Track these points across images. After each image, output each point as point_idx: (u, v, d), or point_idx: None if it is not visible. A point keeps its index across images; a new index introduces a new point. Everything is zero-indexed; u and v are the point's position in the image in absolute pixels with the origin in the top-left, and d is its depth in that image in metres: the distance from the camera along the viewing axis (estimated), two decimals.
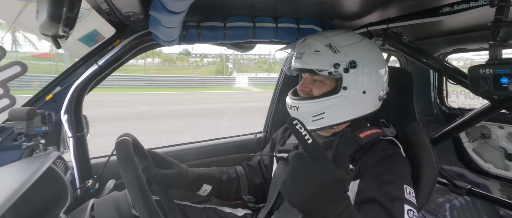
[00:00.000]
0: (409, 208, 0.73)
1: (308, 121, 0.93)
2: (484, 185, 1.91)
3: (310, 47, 0.94)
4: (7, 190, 0.71)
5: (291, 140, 1.12)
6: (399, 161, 0.84)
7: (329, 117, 0.91)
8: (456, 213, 1.95)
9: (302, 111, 0.94)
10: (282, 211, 0.95)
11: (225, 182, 1.12)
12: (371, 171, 0.81)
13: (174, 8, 0.76)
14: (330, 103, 0.90)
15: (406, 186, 0.78)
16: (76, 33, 1.01)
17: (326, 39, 0.93)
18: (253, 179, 1.19)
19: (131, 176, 0.61)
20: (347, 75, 0.88)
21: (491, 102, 1.35)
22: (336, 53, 0.89)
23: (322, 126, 0.93)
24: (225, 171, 1.15)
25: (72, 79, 1.15)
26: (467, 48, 1.80)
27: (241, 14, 1.17)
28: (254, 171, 1.21)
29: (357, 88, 0.89)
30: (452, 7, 0.96)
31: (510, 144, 1.74)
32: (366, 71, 0.90)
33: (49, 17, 0.56)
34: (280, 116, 1.83)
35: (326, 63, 0.89)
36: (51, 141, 1.15)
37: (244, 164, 1.25)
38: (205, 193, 1.06)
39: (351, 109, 0.91)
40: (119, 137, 0.71)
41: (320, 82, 0.94)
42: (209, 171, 1.10)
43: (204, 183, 1.05)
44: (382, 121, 1.04)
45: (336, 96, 0.89)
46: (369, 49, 0.94)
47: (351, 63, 0.88)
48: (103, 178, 1.12)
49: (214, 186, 1.08)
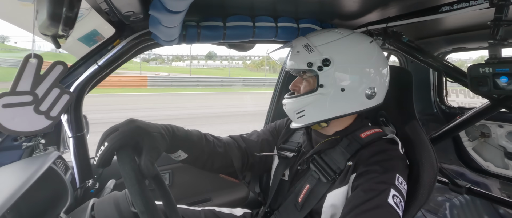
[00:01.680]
0: (395, 193, 0.74)
1: (294, 117, 0.99)
2: (483, 184, 1.92)
3: (294, 48, 0.97)
4: (7, 190, 0.71)
5: (295, 137, 1.12)
6: (395, 154, 0.86)
7: (310, 114, 0.94)
8: (456, 212, 1.95)
9: (288, 108, 0.99)
10: (282, 212, 0.96)
11: (206, 154, 1.00)
12: (365, 162, 0.83)
13: (174, 8, 0.76)
14: (309, 101, 0.93)
15: (399, 175, 0.79)
16: (75, 33, 1.01)
17: (305, 39, 0.96)
18: (249, 157, 1.10)
19: (128, 169, 0.63)
20: (322, 73, 0.90)
21: (491, 101, 1.35)
22: (311, 52, 0.91)
23: (305, 123, 0.96)
24: (211, 141, 1.03)
25: (72, 79, 1.15)
26: (467, 47, 1.80)
27: (240, 14, 1.16)
28: (253, 145, 1.12)
29: (334, 86, 0.90)
30: (452, 6, 0.96)
31: (509, 142, 1.74)
32: (343, 69, 0.90)
33: (49, 17, 0.56)
34: (280, 114, 1.83)
35: (301, 62, 0.92)
36: (51, 141, 1.14)
37: (240, 138, 1.13)
38: (178, 158, 0.96)
39: (331, 106, 0.92)
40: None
41: (306, 81, 0.96)
42: (190, 136, 0.96)
43: (179, 148, 0.93)
44: (381, 120, 1.05)
45: (313, 94, 0.92)
46: (351, 46, 0.92)
47: (324, 61, 0.89)
48: (104, 177, 1.12)
49: (190, 154, 0.96)
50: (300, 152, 1.04)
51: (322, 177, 0.89)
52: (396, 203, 0.73)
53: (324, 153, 0.93)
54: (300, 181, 0.97)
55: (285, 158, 1.06)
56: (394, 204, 0.73)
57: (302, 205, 0.90)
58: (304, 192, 0.90)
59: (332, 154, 0.91)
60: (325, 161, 0.91)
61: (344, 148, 0.90)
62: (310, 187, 0.90)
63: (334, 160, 0.89)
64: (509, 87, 0.91)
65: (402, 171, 0.82)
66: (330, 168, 0.88)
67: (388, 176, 0.78)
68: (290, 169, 1.04)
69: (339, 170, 0.87)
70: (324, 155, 0.93)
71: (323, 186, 0.88)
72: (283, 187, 1.03)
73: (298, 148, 1.05)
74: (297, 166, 1.01)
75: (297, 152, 1.05)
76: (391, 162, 0.82)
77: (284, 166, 1.05)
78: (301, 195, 0.91)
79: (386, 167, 0.80)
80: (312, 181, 0.90)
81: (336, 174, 0.87)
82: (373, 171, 0.79)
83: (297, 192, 0.93)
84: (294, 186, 0.98)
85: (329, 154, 0.92)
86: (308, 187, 0.90)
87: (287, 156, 1.06)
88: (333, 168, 0.88)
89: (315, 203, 0.88)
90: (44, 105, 0.94)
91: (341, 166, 0.87)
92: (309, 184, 0.90)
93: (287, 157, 1.06)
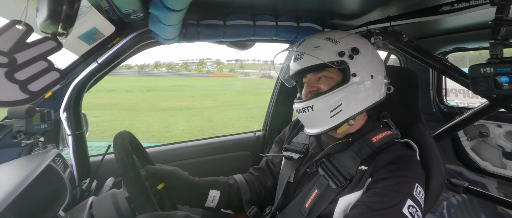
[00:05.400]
0: (411, 203, 0.72)
1: (326, 118, 0.89)
2: (481, 183, 1.93)
3: (309, 45, 0.95)
4: (6, 187, 0.70)
5: (300, 138, 1.09)
6: (414, 161, 0.83)
7: (347, 108, 0.88)
8: (454, 211, 1.96)
9: (318, 108, 0.89)
10: (286, 215, 0.93)
11: (234, 187, 1.02)
12: (384, 169, 0.79)
13: (174, 6, 0.76)
14: (345, 93, 0.88)
15: (418, 184, 0.76)
16: (76, 30, 1.00)
17: (323, 34, 0.96)
18: (265, 182, 1.11)
19: (122, 154, 0.69)
20: (352, 61, 0.89)
21: (490, 101, 1.35)
22: (337, 44, 0.91)
23: (343, 119, 0.89)
24: (231, 177, 1.07)
25: (72, 77, 1.14)
26: (467, 47, 1.80)
27: (241, 12, 1.16)
28: (264, 173, 1.14)
29: (365, 73, 0.90)
30: (452, 6, 0.96)
31: (507, 142, 1.75)
32: (368, 56, 0.91)
33: (49, 15, 0.56)
34: (279, 115, 1.84)
35: (331, 53, 0.89)
36: (50, 139, 1.14)
37: (252, 169, 1.17)
38: (214, 201, 0.96)
39: (365, 95, 0.90)
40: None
41: (326, 77, 0.92)
42: (211, 178, 1.01)
43: (210, 188, 0.96)
44: (385, 121, 1.00)
45: (348, 85, 0.88)
46: (360, 39, 0.97)
47: (353, 50, 0.89)
48: (103, 176, 1.12)
49: (223, 191, 0.98)
50: (307, 154, 1.01)
51: (331, 182, 0.85)
52: (412, 213, 0.71)
53: (334, 156, 0.89)
54: (307, 184, 0.94)
55: (290, 159, 1.03)
56: (410, 215, 0.70)
57: (310, 211, 0.86)
58: (312, 197, 0.87)
59: (342, 158, 0.87)
60: (334, 165, 0.87)
61: (355, 152, 0.87)
62: (319, 192, 0.86)
63: (344, 165, 0.85)
64: (510, 87, 0.91)
65: (421, 180, 0.80)
66: (340, 174, 0.84)
67: (407, 186, 0.75)
68: (295, 170, 1.00)
69: (349, 176, 0.83)
70: (333, 159, 0.89)
71: (332, 191, 0.84)
72: (289, 188, 1.00)
73: (305, 149, 1.02)
74: (305, 168, 0.97)
75: (303, 153, 1.01)
76: (411, 171, 0.79)
77: (291, 168, 1.02)
78: (308, 200, 0.87)
79: (406, 176, 0.77)
80: (321, 187, 0.87)
81: (347, 180, 0.83)
82: (392, 178, 0.76)
83: (304, 196, 0.90)
84: (300, 189, 0.95)
85: (339, 158, 0.88)
86: (317, 192, 0.86)
87: (292, 157, 1.03)
88: (343, 173, 0.84)
89: (323, 208, 0.84)
90: (21, 74, 0.71)
91: (352, 172, 0.83)
92: (318, 189, 0.87)
93: (293, 158, 1.03)
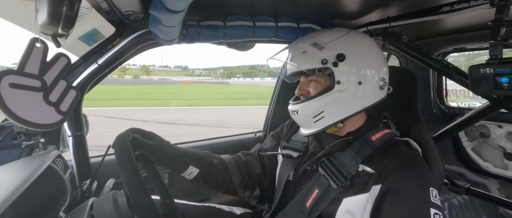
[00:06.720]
0: (435, 211, 0.71)
1: (310, 123, 0.92)
2: (482, 184, 1.92)
3: (298, 49, 0.94)
4: (6, 189, 0.70)
5: (298, 137, 1.09)
6: (421, 162, 0.82)
7: (329, 115, 0.89)
8: (455, 212, 1.95)
9: (301, 113, 0.92)
10: (287, 213, 0.93)
11: (216, 167, 1.04)
12: (393, 176, 0.78)
13: (174, 7, 0.76)
14: (327, 100, 0.88)
15: (432, 188, 0.76)
16: (76, 32, 1.00)
17: (311, 38, 0.93)
18: (251, 169, 1.12)
19: (122, 152, 0.70)
20: (337, 69, 0.87)
21: (490, 101, 1.35)
22: (322, 50, 0.89)
23: (324, 125, 0.91)
24: (217, 157, 1.08)
25: (72, 78, 1.14)
26: (467, 48, 1.80)
27: (241, 13, 1.16)
28: (253, 160, 1.14)
29: (352, 80, 0.87)
30: (452, 6, 0.96)
31: (509, 143, 1.74)
32: (357, 62, 0.88)
33: (49, 16, 0.56)
34: (279, 115, 1.83)
35: (314, 61, 0.88)
36: (50, 140, 1.14)
37: (241, 153, 1.17)
38: (191, 176, 0.99)
39: (351, 102, 0.89)
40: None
41: (315, 82, 0.92)
42: (198, 152, 1.02)
43: (190, 164, 0.97)
44: (384, 121, 1.01)
45: (331, 92, 0.88)
46: (357, 40, 0.93)
47: (338, 56, 0.87)
48: (103, 177, 1.12)
49: (202, 169, 1.00)
50: (307, 152, 1.01)
51: (332, 182, 0.85)
52: None
53: (334, 156, 0.90)
54: (306, 182, 0.94)
55: (289, 158, 1.04)
56: None
57: (311, 210, 0.86)
58: (313, 197, 0.87)
59: (342, 158, 0.88)
60: (335, 165, 0.87)
61: (354, 152, 0.87)
62: (320, 192, 0.86)
63: (344, 164, 0.86)
64: (510, 87, 0.91)
65: (432, 181, 0.79)
66: (341, 174, 0.85)
67: (424, 194, 0.74)
68: (295, 169, 1.01)
69: (350, 175, 0.84)
70: (333, 158, 0.89)
71: (333, 191, 0.85)
72: (288, 187, 1.00)
73: (304, 147, 1.03)
74: (305, 166, 0.98)
75: (302, 152, 1.02)
76: (421, 176, 0.78)
77: (290, 166, 1.02)
78: (309, 199, 0.87)
79: (419, 183, 0.76)
80: (321, 186, 0.87)
81: (347, 180, 0.83)
82: (406, 188, 0.75)
83: (304, 195, 0.90)
84: (300, 187, 0.96)
85: (339, 157, 0.88)
86: (317, 192, 0.87)
87: (291, 156, 1.03)
88: (344, 173, 0.84)
89: (324, 207, 0.85)
90: (53, 95, 0.78)
91: (352, 172, 0.84)
92: (319, 189, 0.87)
93: (292, 157, 1.03)
